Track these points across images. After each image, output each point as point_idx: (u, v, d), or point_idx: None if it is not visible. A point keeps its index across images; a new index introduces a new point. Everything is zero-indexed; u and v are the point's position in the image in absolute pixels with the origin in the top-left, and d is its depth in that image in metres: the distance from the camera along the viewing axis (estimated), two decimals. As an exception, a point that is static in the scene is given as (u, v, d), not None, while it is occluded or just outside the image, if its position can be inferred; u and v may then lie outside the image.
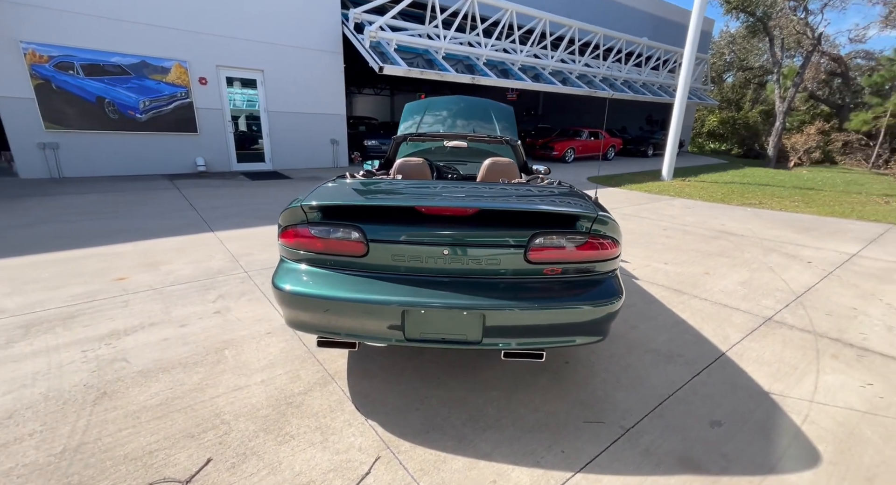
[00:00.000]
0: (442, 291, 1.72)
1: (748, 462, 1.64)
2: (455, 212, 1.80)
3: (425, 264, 1.76)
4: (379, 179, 3.06)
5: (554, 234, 1.73)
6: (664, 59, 19.24)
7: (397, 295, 1.70)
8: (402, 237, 1.76)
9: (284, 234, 1.92)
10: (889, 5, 20.15)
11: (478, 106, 5.06)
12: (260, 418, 1.84)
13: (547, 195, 2.11)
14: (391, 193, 2.14)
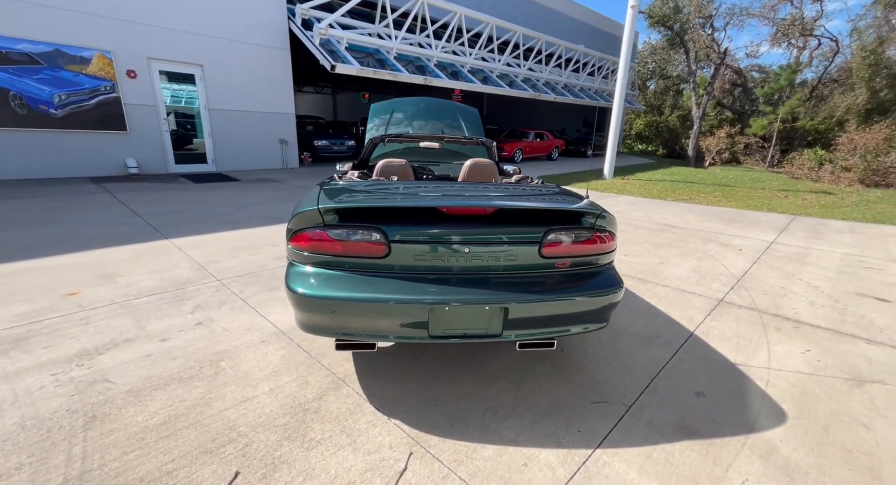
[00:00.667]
0: (465, 287, 1.79)
1: (733, 424, 1.90)
2: (475, 211, 1.88)
3: (447, 263, 1.82)
4: (375, 180, 3.04)
5: (564, 230, 1.88)
6: (599, 65, 20.61)
7: (423, 294, 1.75)
8: (425, 237, 1.81)
9: (297, 237, 1.89)
10: (775, 25, 23.21)
11: (444, 108, 5.17)
12: (279, 427, 1.80)
13: (550, 194, 2.26)
14: (402, 194, 2.17)
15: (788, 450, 1.75)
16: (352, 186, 2.34)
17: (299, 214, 1.87)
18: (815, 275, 4.07)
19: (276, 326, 2.69)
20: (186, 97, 9.95)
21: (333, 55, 10.54)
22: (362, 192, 2.15)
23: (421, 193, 2.19)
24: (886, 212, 7.98)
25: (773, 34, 23.79)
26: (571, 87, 19.06)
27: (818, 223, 6.71)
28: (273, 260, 3.96)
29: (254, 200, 6.94)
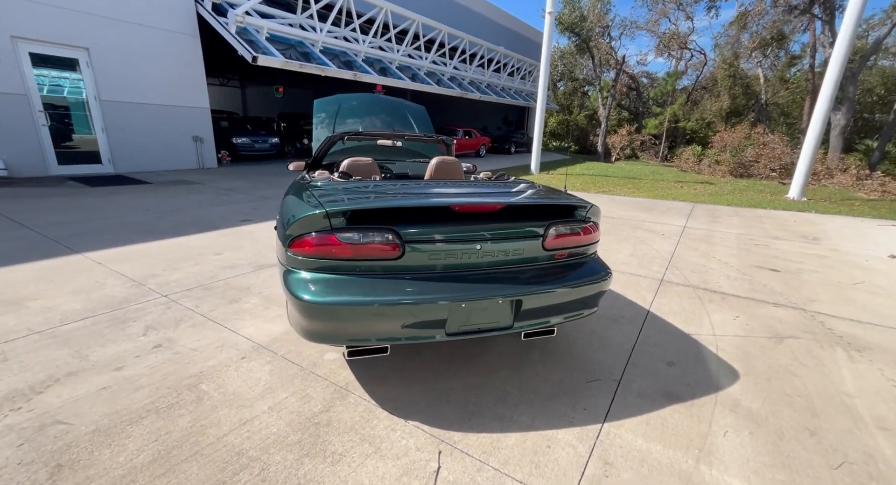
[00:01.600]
0: (478, 284, 1.83)
1: (703, 386, 2.20)
2: (485, 209, 1.93)
3: (460, 260, 1.85)
4: (358, 180, 2.91)
5: (562, 223, 2.01)
6: (517, 67, 21.69)
7: (442, 292, 1.76)
8: (438, 236, 1.81)
9: (299, 243, 1.78)
10: (658, 38, 26.45)
11: (393, 105, 5.11)
12: (293, 445, 1.69)
13: (537, 190, 2.39)
14: (405, 193, 2.14)
15: (748, 401, 2.08)
16: (348, 187, 2.24)
17: (301, 218, 1.76)
18: (723, 253, 4.80)
19: (253, 340, 2.48)
20: (71, 87, 8.51)
21: (253, 46, 9.77)
22: (363, 192, 2.08)
23: (420, 192, 2.19)
24: (755, 198, 9.59)
25: (657, 45, 27.09)
26: (494, 87, 19.84)
27: (712, 209, 7.85)
28: (223, 270, 3.61)
29: (176, 205, 6.21)
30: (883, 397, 2.16)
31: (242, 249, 4.23)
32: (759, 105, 24.45)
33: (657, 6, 25.05)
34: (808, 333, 2.85)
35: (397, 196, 2.07)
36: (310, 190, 2.13)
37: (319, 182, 2.44)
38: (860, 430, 1.90)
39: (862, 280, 4.00)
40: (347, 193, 2.02)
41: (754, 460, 1.69)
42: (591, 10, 22.78)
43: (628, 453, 1.70)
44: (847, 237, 5.82)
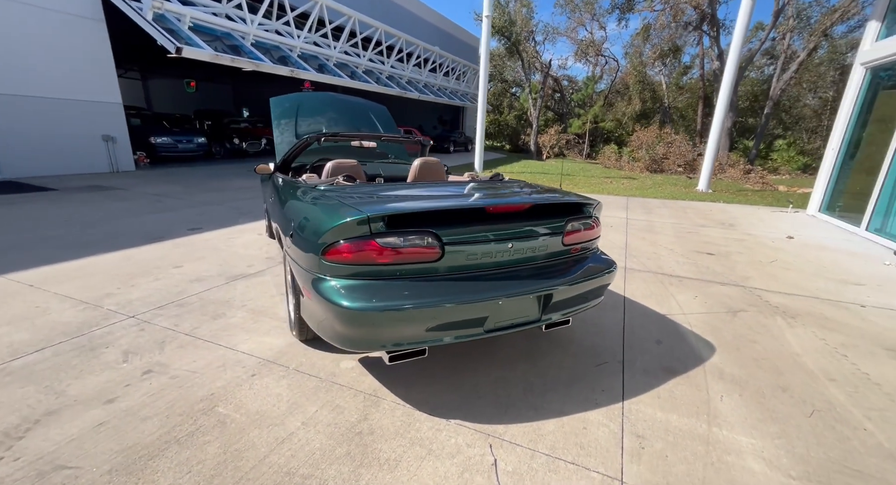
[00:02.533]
0: (512, 280, 1.92)
1: (690, 359, 2.49)
2: (515, 208, 2.01)
3: (494, 259, 1.91)
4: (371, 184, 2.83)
5: (576, 219, 2.16)
6: (452, 67, 22.05)
7: (483, 291, 1.81)
8: (475, 237, 1.86)
9: (335, 250, 1.73)
10: (577, 44, 28.52)
11: (355, 106, 5.01)
12: (343, 457, 1.64)
13: (544, 189, 2.52)
14: (436, 196, 2.16)
15: (729, 369, 2.41)
16: (372, 191, 2.22)
17: (339, 224, 1.70)
18: (666, 241, 5.38)
19: (256, 355, 2.33)
20: (-59, 76, 7.10)
21: (174, 35, 8.87)
22: (391, 196, 2.08)
23: (445, 193, 2.22)
24: (674, 191, 10.79)
25: (575, 52, 29.18)
26: (431, 86, 19.98)
27: (643, 201, 8.71)
28: (192, 284, 3.30)
29: (99, 215, 5.49)
30: (822, 353, 2.62)
31: (205, 261, 3.88)
32: (663, 108, 27.37)
33: (575, 15, 27.02)
34: (752, 306, 3.34)
35: (427, 198, 2.09)
36: (329, 195, 2.06)
37: (323, 186, 2.35)
38: (816, 383, 2.29)
39: (775, 259, 4.74)
40: (377, 197, 1.99)
41: (750, 417, 1.98)
42: (517, 14, 23.90)
43: (653, 425, 1.90)
44: (752, 223, 6.82)
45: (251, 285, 3.34)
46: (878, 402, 2.14)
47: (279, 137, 4.27)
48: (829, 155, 7.59)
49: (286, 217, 2.25)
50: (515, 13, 24.22)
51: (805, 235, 6.00)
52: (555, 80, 30.86)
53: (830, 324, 3.06)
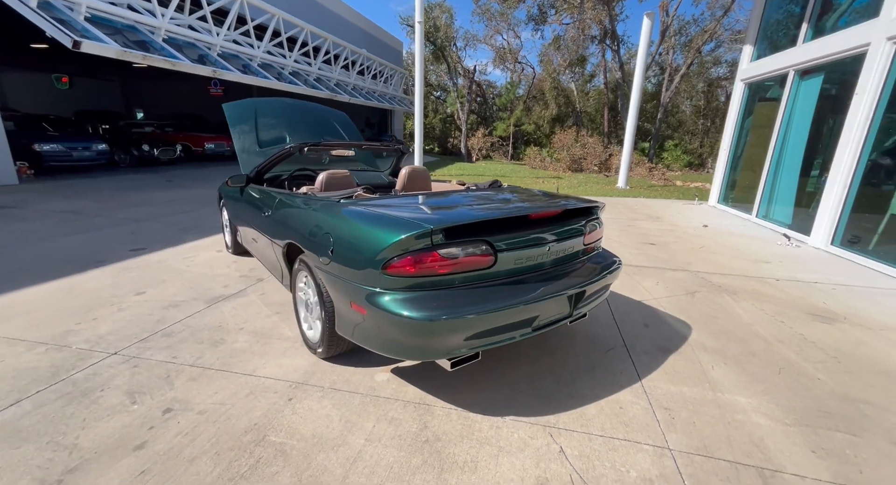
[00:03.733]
0: (553, 281, 2.08)
1: (676, 338, 2.88)
2: (551, 214, 2.16)
3: (535, 262, 2.06)
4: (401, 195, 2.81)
5: (590, 221, 2.39)
6: (380, 70, 21.84)
7: (535, 293, 1.94)
8: (521, 242, 1.98)
9: (398, 264, 1.75)
10: (495, 51, 30.02)
11: (316, 112, 4.88)
12: (422, 466, 1.67)
13: (549, 194, 2.72)
14: (480, 206, 2.27)
15: (708, 342, 2.83)
16: (415, 202, 2.30)
17: (401, 238, 1.72)
18: (614, 234, 5.98)
19: (284, 379, 2.21)
20: None
21: (68, 26, 7.71)
22: (436, 207, 2.15)
23: (483, 204, 2.33)
24: (600, 188, 11.92)
25: (494, 58, 30.68)
26: (360, 89, 19.61)
27: (579, 201, 9.50)
28: (168, 311, 2.98)
29: (1, 240, 4.63)
30: (766, 321, 3.18)
31: (169, 284, 3.50)
32: (576, 113, 29.88)
33: (492, 23, 28.38)
34: (702, 287, 3.90)
35: (470, 208, 2.18)
36: (371, 209, 2.06)
37: (342, 200, 2.31)
38: (772, 346, 2.79)
39: (702, 245, 5.54)
40: (424, 209, 2.05)
41: (739, 381, 2.37)
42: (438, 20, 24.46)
43: (672, 398, 2.19)
44: (672, 214, 7.84)
45: (238, 307, 3.11)
46: (819, 356, 2.68)
47: (240, 145, 4.01)
48: (721, 155, 8.98)
49: (313, 234, 2.18)
50: (437, 19, 24.79)
51: (715, 224, 7.06)
52: (478, 86, 32.10)
53: (761, 297, 3.70)
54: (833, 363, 2.59)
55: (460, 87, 28.07)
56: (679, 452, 1.79)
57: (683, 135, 31.02)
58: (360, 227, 1.94)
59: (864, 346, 2.85)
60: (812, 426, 2.00)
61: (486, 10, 27.26)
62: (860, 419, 2.06)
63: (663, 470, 1.69)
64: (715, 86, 29.91)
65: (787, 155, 6.80)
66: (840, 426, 2.00)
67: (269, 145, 4.19)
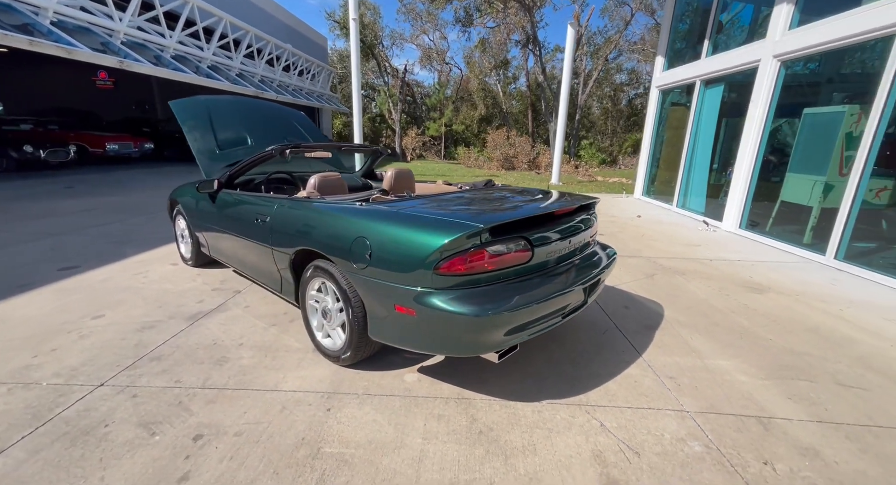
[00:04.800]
0: (575, 271, 2.25)
1: (654, 316, 3.24)
2: (570, 210, 2.32)
3: (560, 254, 2.21)
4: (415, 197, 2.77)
5: (592, 215, 2.61)
6: (306, 67, 20.84)
7: (567, 283, 2.10)
8: (552, 236, 2.12)
9: (450, 264, 1.80)
10: (422, 51, 30.23)
11: (276, 113, 4.66)
12: (487, 455, 1.73)
13: (553, 192, 2.91)
14: (500, 203, 2.40)
15: (680, 317, 3.23)
16: (440, 204, 2.32)
17: (454, 238, 1.76)
18: (565, 229, 6.45)
19: (311, 390, 2.12)
20: None
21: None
22: (469, 207, 2.25)
23: (513, 203, 2.42)
24: (538, 185, 12.57)
25: (420, 57, 30.89)
26: (286, 86, 18.57)
27: (522, 197, 10.03)
28: (145, 333, 2.67)
29: None
30: (715, 296, 3.71)
31: (130, 305, 3.11)
32: (503, 113, 31.21)
33: (417, 23, 28.54)
34: (657, 271, 4.41)
35: (500, 207, 2.26)
36: (407, 211, 2.07)
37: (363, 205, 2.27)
38: (727, 316, 3.27)
39: (643, 233, 6.21)
40: (460, 209, 2.10)
41: (715, 348, 2.76)
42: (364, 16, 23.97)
43: (671, 368, 2.49)
44: (609, 207, 8.62)
45: (226, 322, 2.87)
46: (763, 321, 3.21)
47: (197, 147, 3.69)
48: (643, 153, 10.06)
49: (340, 239, 2.11)
50: (362, 16, 24.28)
51: (645, 214, 7.92)
52: (408, 85, 32.06)
53: (703, 275, 4.29)
54: (775, 326, 3.12)
55: (391, 87, 27.82)
56: (695, 413, 2.07)
57: (596, 135, 33.86)
58: (403, 230, 1.93)
59: (790, 310, 3.46)
60: (780, 378, 2.41)
61: (411, 9, 27.34)
62: (809, 368, 2.54)
63: (689, 430, 1.94)
64: (619, 90, 33.13)
65: (699, 153, 7.85)
66: (799, 376, 2.45)
67: (230, 147, 3.90)
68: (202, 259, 3.89)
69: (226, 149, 3.90)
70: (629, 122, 32.73)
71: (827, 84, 5.78)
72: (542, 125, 29.97)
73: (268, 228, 2.59)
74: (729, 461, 1.74)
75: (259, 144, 4.18)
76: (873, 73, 4.63)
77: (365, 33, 22.42)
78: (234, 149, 3.95)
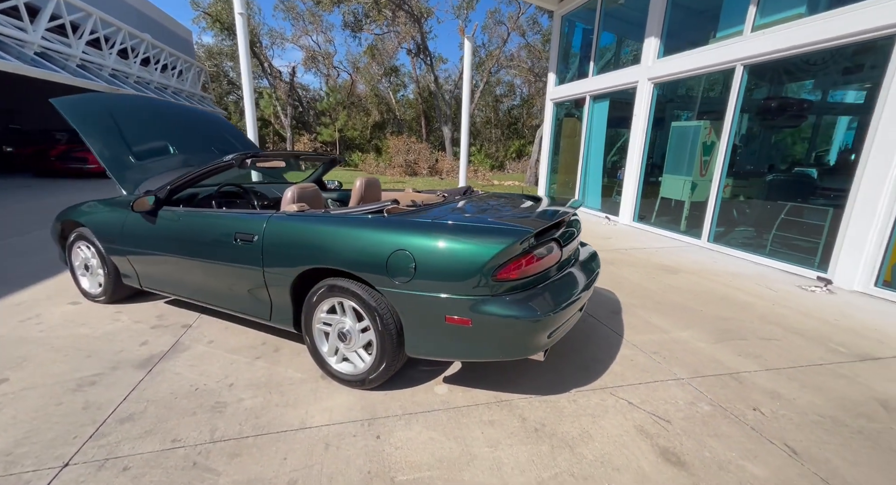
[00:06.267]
0: (581, 269, 2.44)
1: (614, 302, 3.66)
2: (570, 216, 2.49)
3: (571, 255, 2.38)
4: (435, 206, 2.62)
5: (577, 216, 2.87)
6: (170, 62, 18.18)
7: (585, 280, 2.28)
8: (569, 238, 2.27)
9: (507, 269, 1.84)
10: (305, 52, 28.85)
11: (193, 115, 4.12)
12: (556, 449, 1.81)
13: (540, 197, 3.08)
14: (515, 209, 2.49)
15: (631, 301, 3.70)
16: (475, 211, 2.36)
17: (509, 245, 1.80)
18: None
19: (347, 420, 1.93)
20: None
21: None
22: (502, 214, 2.29)
23: (514, 208, 2.49)
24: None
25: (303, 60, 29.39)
26: (146, 83, 15.92)
27: (440, 202, 10.29)
28: (83, 391, 2.11)
29: None
30: (645, 279, 4.34)
31: (38, 359, 2.41)
32: (397, 120, 31.39)
33: (299, 23, 27.11)
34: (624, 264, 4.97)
35: (524, 214, 2.33)
36: (444, 222, 2.01)
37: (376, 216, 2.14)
38: (662, 295, 3.87)
39: (561, 232, 6.91)
40: (500, 216, 2.12)
41: (670, 322, 3.25)
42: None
43: (650, 344, 2.86)
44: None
45: (194, 362, 2.41)
46: (688, 295, 3.88)
47: (105, 155, 3.06)
48: (543, 159, 11.16)
49: (373, 255, 1.94)
50: (237, 10, 22.06)
51: (554, 214, 8.80)
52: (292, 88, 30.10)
53: (628, 263, 4.99)
54: (698, 299, 3.81)
55: (277, 90, 25.83)
56: (689, 379, 2.43)
57: (483, 142, 36.24)
58: (454, 239, 1.87)
59: (700, 285, 4.25)
60: (724, 340, 2.97)
61: (291, 8, 25.77)
62: (737, 330, 3.17)
63: (693, 394, 2.28)
64: (499, 101, 36.00)
65: (592, 158, 9.04)
66: (734, 337, 3.04)
67: (150, 157, 3.30)
68: (121, 293, 3.18)
69: (145, 159, 3.27)
70: (510, 130, 35.64)
71: (690, 103, 7.19)
72: (435, 132, 30.98)
73: (257, 247, 2.26)
74: (732, 414, 2.11)
75: (184, 153, 3.60)
76: (722, 97, 5.93)
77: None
78: (156, 159, 3.34)
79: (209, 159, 3.85)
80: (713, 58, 5.82)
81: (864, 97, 4.97)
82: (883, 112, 4.03)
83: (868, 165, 4.14)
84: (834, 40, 4.47)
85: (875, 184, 4.08)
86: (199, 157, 3.73)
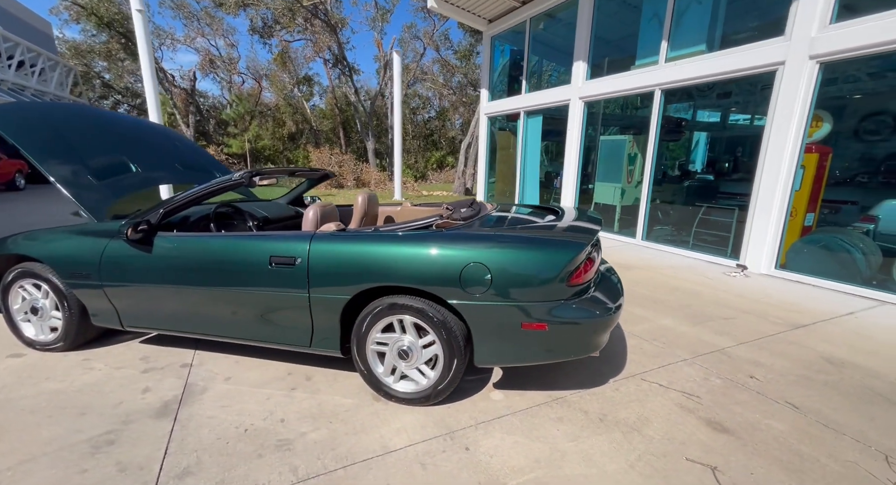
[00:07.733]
0: (610, 274, 2.70)
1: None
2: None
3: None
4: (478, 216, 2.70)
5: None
6: (28, 58, 15.39)
7: (611, 279, 2.52)
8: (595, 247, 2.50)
9: (577, 275, 1.99)
10: (202, 56, 26.53)
11: (145, 128, 3.70)
12: (626, 435, 1.99)
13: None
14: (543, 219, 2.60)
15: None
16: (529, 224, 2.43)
17: (578, 252, 1.96)
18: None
19: (428, 438, 1.90)
20: None
21: None
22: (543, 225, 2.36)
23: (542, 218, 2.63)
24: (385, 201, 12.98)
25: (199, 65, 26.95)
26: (7, 84, 13.29)
27: (384, 214, 10.18)
28: (104, 454, 1.77)
29: None
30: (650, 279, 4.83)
31: (21, 425, 1.97)
32: (314, 131, 30.16)
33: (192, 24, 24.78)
34: (558, 265, 5.38)
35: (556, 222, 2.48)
36: (511, 234, 2.11)
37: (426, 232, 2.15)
38: (634, 289, 4.36)
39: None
40: (553, 229, 2.25)
41: (651, 312, 3.68)
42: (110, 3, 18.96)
43: (647, 333, 3.22)
44: (466, 219, 9.67)
45: (224, 403, 2.15)
46: (650, 287, 4.42)
47: (61, 175, 2.62)
48: (480, 167, 11.68)
49: (444, 269, 1.95)
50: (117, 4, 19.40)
51: (499, 222, 9.26)
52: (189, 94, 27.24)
53: (587, 264, 5.49)
54: (660, 290, 4.36)
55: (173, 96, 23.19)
56: (692, 359, 2.81)
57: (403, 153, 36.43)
58: (528, 250, 1.97)
59: (653, 278, 4.86)
60: (698, 323, 3.47)
61: (181, 6, 23.32)
62: (701, 314, 3.71)
63: (703, 371, 2.65)
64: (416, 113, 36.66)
65: (529, 168, 9.72)
66: (704, 320, 3.56)
67: (110, 177, 2.88)
68: (85, 336, 2.68)
69: (105, 178, 2.83)
70: (427, 141, 36.35)
71: (617, 119, 8.15)
72: (354, 144, 30.44)
73: (300, 270, 2.10)
74: (738, 383, 2.50)
75: (146, 171, 3.17)
76: (645, 115, 6.86)
77: (123, 25, 18.09)
78: (118, 178, 2.90)
79: (174, 177, 3.44)
80: (637, 82, 6.72)
81: (758, 120, 6.16)
82: (771, 133, 5.05)
83: (763, 174, 5.14)
84: (726, 73, 5.49)
85: (769, 189, 5.08)
86: (163, 174, 3.31)
